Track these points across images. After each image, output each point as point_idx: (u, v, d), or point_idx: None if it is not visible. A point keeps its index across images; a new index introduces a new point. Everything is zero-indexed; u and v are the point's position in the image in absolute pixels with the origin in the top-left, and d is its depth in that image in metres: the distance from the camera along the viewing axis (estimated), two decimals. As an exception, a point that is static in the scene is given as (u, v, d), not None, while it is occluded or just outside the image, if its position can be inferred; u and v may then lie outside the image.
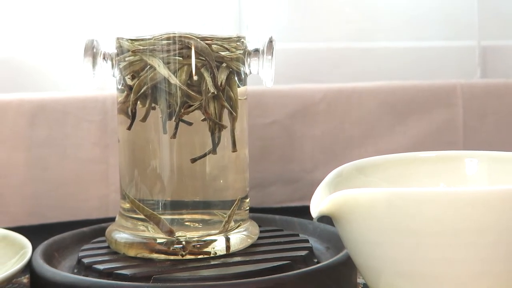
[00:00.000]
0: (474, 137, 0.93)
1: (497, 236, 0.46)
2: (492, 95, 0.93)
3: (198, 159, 0.62)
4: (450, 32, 0.99)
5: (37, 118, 0.80)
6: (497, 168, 0.60)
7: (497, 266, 0.47)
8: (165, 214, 0.62)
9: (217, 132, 0.62)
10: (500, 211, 0.45)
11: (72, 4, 0.85)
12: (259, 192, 0.87)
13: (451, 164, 0.61)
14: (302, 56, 0.94)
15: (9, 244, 0.63)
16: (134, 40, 0.62)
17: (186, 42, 0.61)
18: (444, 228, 0.46)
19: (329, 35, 0.95)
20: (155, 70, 0.61)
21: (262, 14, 0.91)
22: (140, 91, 0.62)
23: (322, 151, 0.88)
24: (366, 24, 0.96)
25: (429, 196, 0.46)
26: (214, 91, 0.61)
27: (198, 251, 0.61)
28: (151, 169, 0.62)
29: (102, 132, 0.82)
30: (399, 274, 0.48)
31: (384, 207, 0.47)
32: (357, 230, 0.49)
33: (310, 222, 0.71)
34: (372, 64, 0.96)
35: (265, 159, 0.87)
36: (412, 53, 0.98)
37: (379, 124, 0.90)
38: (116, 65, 0.63)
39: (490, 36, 0.99)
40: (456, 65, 0.99)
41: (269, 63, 0.63)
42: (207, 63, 0.61)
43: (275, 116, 0.87)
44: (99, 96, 0.82)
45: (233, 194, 0.64)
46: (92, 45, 0.62)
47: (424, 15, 0.97)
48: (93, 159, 0.82)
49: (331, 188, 0.53)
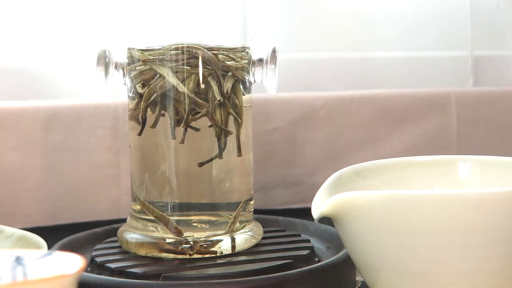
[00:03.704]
0: (467, 142, 0.92)
1: (489, 237, 0.46)
2: (484, 103, 0.93)
3: (205, 163, 0.62)
4: (444, 42, 0.99)
5: (52, 125, 0.80)
6: (489, 172, 0.60)
7: (489, 265, 0.47)
8: (173, 215, 0.62)
9: (223, 138, 0.62)
10: (492, 213, 0.45)
11: (86, 16, 0.85)
12: (263, 195, 0.87)
13: (445, 168, 0.61)
14: (304, 65, 0.94)
15: (26, 244, 0.63)
16: (144, 50, 0.62)
17: (194, 52, 0.61)
18: (438, 229, 0.46)
19: (330, 45, 0.95)
20: (164, 79, 0.61)
21: (266, 26, 0.91)
22: (150, 99, 0.62)
23: (323, 156, 0.88)
24: (364, 35, 0.96)
25: (424, 198, 0.46)
26: (220, 99, 0.61)
27: (205, 250, 0.61)
28: (160, 172, 0.62)
29: (114, 137, 0.82)
30: (396, 272, 0.48)
31: (381, 208, 0.47)
32: (356, 230, 0.49)
33: (311, 223, 0.71)
34: (370, 73, 0.96)
35: (268, 163, 0.87)
36: (408, 63, 0.98)
37: (376, 130, 0.90)
38: (127, 74, 0.63)
39: (482, 47, 0.99)
40: (450, 74, 0.99)
41: (273, 72, 0.63)
42: (214, 72, 0.61)
43: (278, 123, 0.87)
44: (111, 104, 0.82)
45: (238, 196, 0.64)
46: (105, 55, 0.62)
47: (420, 27, 0.97)
48: (105, 163, 0.82)
49: (331, 191, 0.53)
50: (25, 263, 0.31)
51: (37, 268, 0.31)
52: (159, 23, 0.63)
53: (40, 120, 0.79)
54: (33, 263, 0.31)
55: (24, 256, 0.31)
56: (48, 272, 0.30)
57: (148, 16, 0.64)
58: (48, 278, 0.26)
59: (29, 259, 0.31)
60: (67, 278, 0.27)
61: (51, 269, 0.30)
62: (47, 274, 0.30)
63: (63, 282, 0.27)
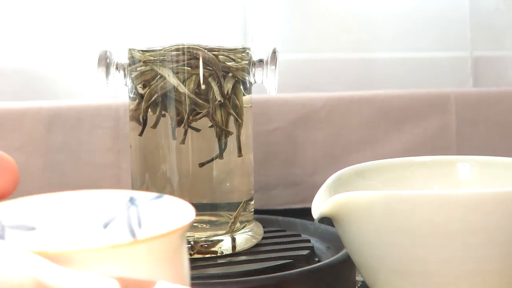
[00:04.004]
0: (467, 143, 0.92)
1: (488, 237, 0.46)
2: (483, 103, 0.93)
3: (206, 163, 0.62)
4: (444, 43, 0.99)
5: (53, 125, 0.80)
6: (489, 172, 0.60)
7: (487, 265, 0.47)
8: (174, 215, 0.62)
9: (223, 138, 0.62)
10: (491, 213, 0.45)
11: (87, 17, 0.85)
12: (263, 195, 0.87)
13: (445, 168, 0.61)
14: (304, 66, 0.94)
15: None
16: (145, 51, 0.62)
17: (194, 53, 0.61)
18: (437, 229, 0.46)
19: (330, 46, 0.95)
20: (165, 80, 0.61)
21: (266, 27, 0.91)
22: (151, 99, 0.62)
23: (323, 156, 0.88)
24: (364, 36, 0.96)
25: (424, 198, 0.46)
26: (221, 99, 0.61)
27: (206, 250, 0.61)
28: (161, 173, 0.62)
29: (115, 138, 0.82)
30: (395, 272, 0.48)
31: (381, 209, 0.47)
32: (355, 230, 0.49)
33: (311, 223, 0.71)
34: (370, 73, 0.96)
35: (269, 164, 0.87)
36: (408, 63, 0.98)
37: (376, 131, 0.90)
38: (128, 74, 0.63)
39: (482, 47, 0.99)
40: (450, 74, 0.99)
41: (273, 73, 0.63)
42: (214, 73, 0.61)
43: (278, 123, 0.87)
44: (112, 104, 0.82)
45: (238, 196, 0.64)
46: (106, 56, 0.62)
47: (419, 27, 0.97)
48: (107, 163, 0.82)
49: (331, 191, 0.53)
50: (137, 203, 0.32)
51: (149, 209, 0.31)
52: (160, 24, 0.63)
53: (42, 120, 0.79)
54: (145, 204, 0.32)
55: (136, 197, 0.32)
56: (160, 214, 0.31)
57: (149, 17, 0.64)
58: (167, 232, 0.26)
59: (141, 200, 0.32)
60: (181, 230, 0.28)
61: (162, 212, 0.31)
62: (158, 216, 0.31)
63: (178, 234, 0.28)
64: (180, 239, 0.28)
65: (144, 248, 0.26)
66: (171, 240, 0.27)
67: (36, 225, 0.31)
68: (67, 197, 0.32)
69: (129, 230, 0.32)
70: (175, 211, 0.30)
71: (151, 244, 0.26)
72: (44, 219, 0.32)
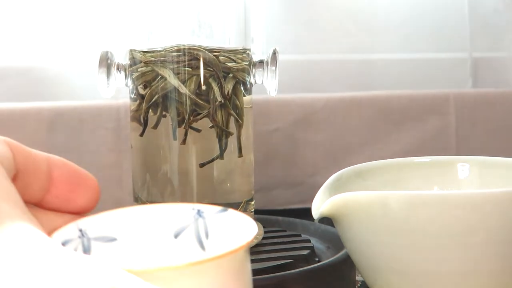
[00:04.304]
0: (466, 143, 0.92)
1: (486, 237, 0.46)
2: (483, 104, 0.93)
3: (206, 163, 0.62)
4: (443, 44, 0.99)
5: (55, 126, 0.80)
6: (488, 173, 0.60)
7: (486, 265, 0.47)
8: (175, 215, 0.62)
9: (224, 139, 0.62)
10: (489, 213, 0.45)
11: (88, 18, 0.86)
12: (264, 195, 0.87)
13: (444, 168, 0.61)
14: (304, 67, 0.94)
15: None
16: (146, 52, 0.62)
17: (195, 54, 0.61)
18: (437, 229, 0.46)
19: (330, 47, 0.95)
20: (165, 80, 0.61)
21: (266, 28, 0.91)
22: (152, 100, 0.62)
23: (323, 157, 0.88)
24: (364, 37, 0.96)
25: (423, 198, 0.46)
26: (221, 100, 0.61)
27: (206, 250, 0.61)
28: (162, 173, 0.62)
29: (116, 138, 0.82)
30: (395, 272, 0.48)
31: (380, 209, 0.47)
32: (355, 230, 0.49)
33: (311, 223, 0.71)
34: (370, 74, 0.96)
35: (269, 164, 0.87)
36: (408, 64, 0.98)
37: (376, 131, 0.90)
38: (129, 75, 0.63)
39: (481, 49, 0.99)
40: (449, 75, 0.99)
41: (273, 74, 0.63)
42: (215, 73, 0.61)
43: (278, 124, 0.87)
44: (113, 105, 0.82)
45: (239, 196, 0.64)
46: (107, 57, 0.62)
47: (419, 29, 0.98)
48: (108, 164, 0.82)
49: (331, 191, 0.53)
50: (204, 216, 0.35)
51: (215, 221, 0.34)
52: (161, 24, 0.63)
53: (44, 121, 0.80)
54: (212, 217, 0.34)
55: (203, 210, 0.35)
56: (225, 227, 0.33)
57: (150, 18, 0.64)
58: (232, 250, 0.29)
59: (208, 212, 0.34)
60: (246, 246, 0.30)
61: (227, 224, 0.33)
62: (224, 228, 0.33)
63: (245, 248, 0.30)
64: (246, 253, 0.31)
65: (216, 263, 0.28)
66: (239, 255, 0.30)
67: (116, 237, 0.34)
68: (142, 210, 0.35)
69: (197, 241, 0.35)
70: (239, 224, 0.33)
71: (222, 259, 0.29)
72: (123, 230, 0.35)
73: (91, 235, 0.33)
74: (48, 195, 0.33)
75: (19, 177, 0.32)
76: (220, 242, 0.34)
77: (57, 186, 0.34)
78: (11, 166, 0.31)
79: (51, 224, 0.33)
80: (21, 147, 0.32)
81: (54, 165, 0.34)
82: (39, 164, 0.33)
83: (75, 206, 0.34)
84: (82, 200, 0.34)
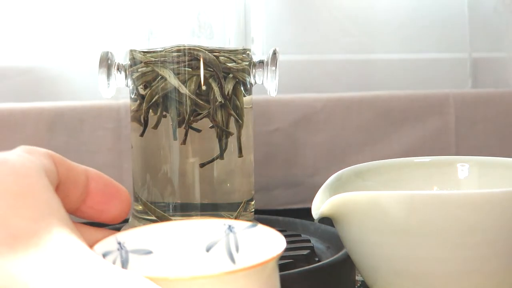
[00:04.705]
0: (466, 143, 0.92)
1: (486, 237, 0.46)
2: (482, 104, 0.93)
3: (206, 164, 0.62)
4: (443, 45, 0.99)
5: (56, 126, 0.80)
6: (487, 173, 0.60)
7: (485, 265, 0.46)
8: (175, 215, 0.62)
9: (224, 139, 0.62)
10: (488, 213, 0.45)
11: (88, 18, 0.85)
12: (264, 195, 0.87)
13: (444, 168, 0.61)
14: (304, 67, 0.94)
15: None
16: (146, 52, 0.62)
17: (195, 54, 0.61)
18: (437, 229, 0.46)
19: (330, 48, 0.95)
20: (166, 81, 0.61)
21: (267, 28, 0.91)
22: (152, 100, 0.62)
23: (323, 157, 0.88)
24: (364, 38, 0.96)
25: (422, 198, 0.46)
26: (222, 100, 0.61)
27: (206, 250, 0.61)
28: (162, 173, 0.62)
29: (116, 138, 0.82)
30: (394, 272, 0.48)
31: (380, 209, 0.47)
32: (355, 230, 0.49)
33: (311, 223, 0.71)
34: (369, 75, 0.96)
35: (269, 164, 0.87)
36: (407, 65, 0.98)
37: (376, 131, 0.90)
38: (129, 75, 0.63)
39: (481, 49, 0.99)
40: (449, 75, 0.99)
41: (273, 74, 0.63)
42: (215, 74, 0.61)
43: (278, 124, 0.87)
44: (113, 105, 0.82)
45: (239, 196, 0.64)
46: (107, 57, 0.62)
47: (419, 29, 0.97)
48: (108, 164, 0.82)
49: (331, 191, 0.53)
50: (235, 231, 0.37)
51: (245, 236, 0.36)
52: (161, 25, 0.63)
53: (44, 121, 0.79)
54: (242, 231, 0.37)
55: (234, 225, 0.37)
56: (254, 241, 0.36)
57: (150, 18, 0.64)
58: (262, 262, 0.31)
59: (238, 228, 0.37)
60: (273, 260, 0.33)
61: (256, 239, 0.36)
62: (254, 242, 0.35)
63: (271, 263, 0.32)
64: (275, 265, 0.33)
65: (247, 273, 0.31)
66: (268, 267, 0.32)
67: (152, 250, 0.36)
68: (177, 225, 0.38)
69: (228, 254, 0.37)
70: (267, 238, 0.35)
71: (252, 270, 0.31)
72: (159, 244, 0.37)
73: (129, 248, 0.36)
74: (84, 205, 0.35)
75: (60, 188, 0.34)
76: (249, 256, 0.36)
77: (93, 197, 0.36)
78: (55, 178, 0.32)
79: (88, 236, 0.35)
80: (63, 159, 0.34)
81: (91, 177, 0.36)
82: (78, 176, 0.35)
83: (107, 217, 0.36)
84: (114, 211, 0.36)
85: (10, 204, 0.29)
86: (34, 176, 0.31)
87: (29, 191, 0.30)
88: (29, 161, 0.31)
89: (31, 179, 0.31)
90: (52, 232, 0.29)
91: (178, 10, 0.62)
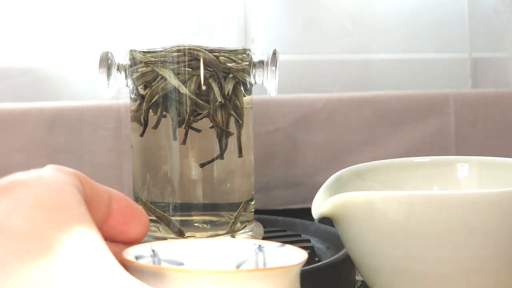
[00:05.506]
0: (466, 143, 0.92)
1: (486, 237, 0.46)
2: (482, 104, 0.93)
3: (206, 164, 0.62)
4: (443, 45, 0.99)
5: (56, 126, 0.80)
6: (487, 173, 0.60)
7: (485, 265, 0.46)
8: (175, 215, 0.62)
9: (224, 139, 0.62)
10: (488, 213, 0.45)
11: (88, 18, 0.85)
12: (264, 195, 0.87)
13: (444, 168, 0.61)
14: (304, 67, 0.94)
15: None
16: (146, 52, 0.62)
17: (195, 54, 0.61)
18: (437, 229, 0.46)
19: (330, 48, 0.95)
20: (166, 81, 0.61)
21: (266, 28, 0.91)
22: (152, 100, 0.62)
23: (323, 157, 0.88)
24: (364, 38, 0.96)
25: (422, 198, 0.46)
26: (222, 100, 0.61)
27: (206, 250, 0.61)
28: (162, 173, 0.62)
29: (116, 138, 0.82)
30: (395, 272, 0.48)
31: (380, 209, 0.47)
32: (355, 230, 0.49)
33: (311, 223, 0.71)
34: (369, 75, 0.96)
35: (269, 164, 0.87)
36: (407, 65, 0.97)
37: (376, 131, 0.90)
38: (129, 75, 0.63)
39: (481, 49, 0.99)
40: (449, 76, 0.99)
41: (273, 74, 0.63)
42: (215, 74, 0.61)
43: (278, 124, 0.87)
44: (113, 105, 0.82)
45: (239, 196, 0.64)
46: (107, 57, 0.62)
47: (419, 29, 0.97)
48: (108, 164, 0.82)
49: (331, 191, 0.53)
50: (264, 250, 0.38)
51: (273, 255, 0.38)
52: (161, 25, 0.63)
53: (44, 121, 0.79)
54: (271, 251, 0.38)
55: (264, 245, 0.38)
56: (282, 259, 0.37)
57: (150, 18, 0.64)
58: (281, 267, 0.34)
59: (267, 247, 0.38)
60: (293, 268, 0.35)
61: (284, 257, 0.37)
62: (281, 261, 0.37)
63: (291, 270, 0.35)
64: (297, 273, 0.36)
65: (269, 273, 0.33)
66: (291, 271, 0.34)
67: (184, 262, 0.38)
68: (209, 242, 0.39)
69: None
70: (294, 257, 0.37)
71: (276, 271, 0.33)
72: (191, 257, 0.38)
73: (162, 256, 0.37)
74: (105, 225, 0.36)
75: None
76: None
77: (114, 218, 0.37)
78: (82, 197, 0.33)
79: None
80: (88, 179, 0.35)
81: (113, 197, 0.37)
82: (102, 196, 0.36)
83: (127, 237, 0.37)
84: (134, 232, 0.37)
85: (47, 216, 0.30)
86: (68, 191, 0.32)
87: (64, 205, 0.31)
88: (62, 178, 0.33)
89: (65, 194, 0.32)
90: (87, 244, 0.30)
91: (178, 10, 0.62)
